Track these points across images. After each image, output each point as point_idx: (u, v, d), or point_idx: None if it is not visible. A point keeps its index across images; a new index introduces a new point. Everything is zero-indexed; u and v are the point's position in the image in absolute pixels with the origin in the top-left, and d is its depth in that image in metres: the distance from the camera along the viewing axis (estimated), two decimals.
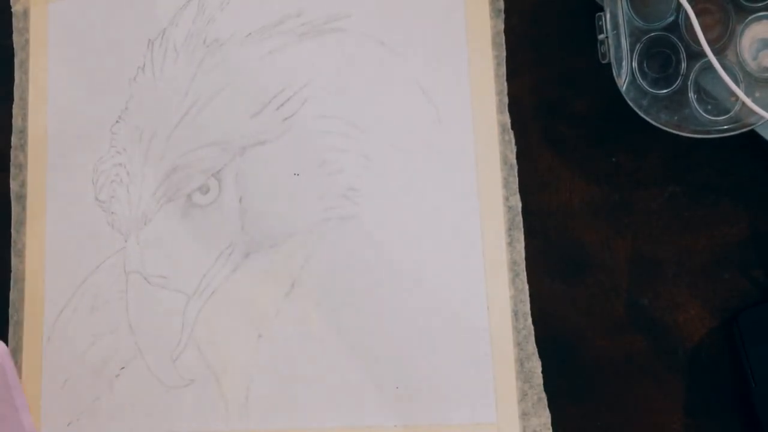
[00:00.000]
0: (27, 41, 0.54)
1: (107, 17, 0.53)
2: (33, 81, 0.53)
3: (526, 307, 0.46)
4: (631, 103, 0.43)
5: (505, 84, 0.48)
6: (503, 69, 0.48)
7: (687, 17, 0.41)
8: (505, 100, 0.48)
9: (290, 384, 0.48)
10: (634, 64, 0.43)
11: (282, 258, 0.49)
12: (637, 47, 0.43)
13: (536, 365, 0.46)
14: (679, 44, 0.42)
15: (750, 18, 0.41)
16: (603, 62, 0.44)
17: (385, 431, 0.46)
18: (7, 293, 0.51)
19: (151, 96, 0.52)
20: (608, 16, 0.43)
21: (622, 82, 0.43)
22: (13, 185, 0.52)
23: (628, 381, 0.46)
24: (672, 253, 0.46)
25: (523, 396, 0.46)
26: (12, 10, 0.54)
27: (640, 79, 0.43)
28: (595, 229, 0.47)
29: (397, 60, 0.49)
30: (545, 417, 0.45)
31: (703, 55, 0.41)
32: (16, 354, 0.50)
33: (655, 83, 0.43)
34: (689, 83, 0.42)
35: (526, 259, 0.47)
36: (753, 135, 0.44)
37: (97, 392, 0.50)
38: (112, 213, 0.51)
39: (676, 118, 0.43)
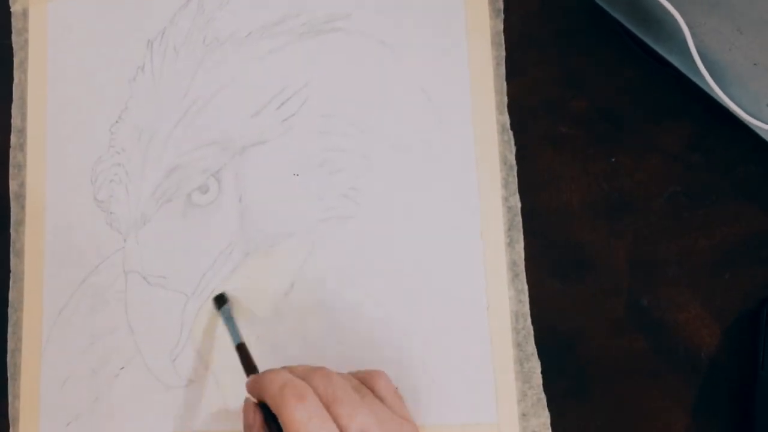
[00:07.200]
0: (26, 41, 0.54)
1: (107, 17, 0.53)
2: (32, 81, 0.53)
3: (526, 307, 0.46)
4: None
5: (505, 84, 0.48)
6: (503, 69, 0.48)
7: None
8: (505, 100, 0.48)
9: None
10: None
11: (281, 258, 0.49)
12: None
13: (536, 366, 0.46)
14: None
15: None
16: None
17: None
18: (6, 293, 0.51)
19: (151, 96, 0.52)
20: None
21: None
22: (13, 185, 0.52)
23: (628, 381, 0.46)
24: (672, 253, 0.46)
25: (522, 396, 0.46)
26: (11, 10, 0.54)
27: None
28: (595, 229, 0.47)
29: (397, 60, 0.49)
30: (545, 417, 0.45)
31: None
32: (15, 354, 0.50)
33: None
34: None
35: (526, 259, 0.47)
36: (753, 135, 0.44)
37: (96, 392, 0.50)
38: (111, 213, 0.51)
39: None
